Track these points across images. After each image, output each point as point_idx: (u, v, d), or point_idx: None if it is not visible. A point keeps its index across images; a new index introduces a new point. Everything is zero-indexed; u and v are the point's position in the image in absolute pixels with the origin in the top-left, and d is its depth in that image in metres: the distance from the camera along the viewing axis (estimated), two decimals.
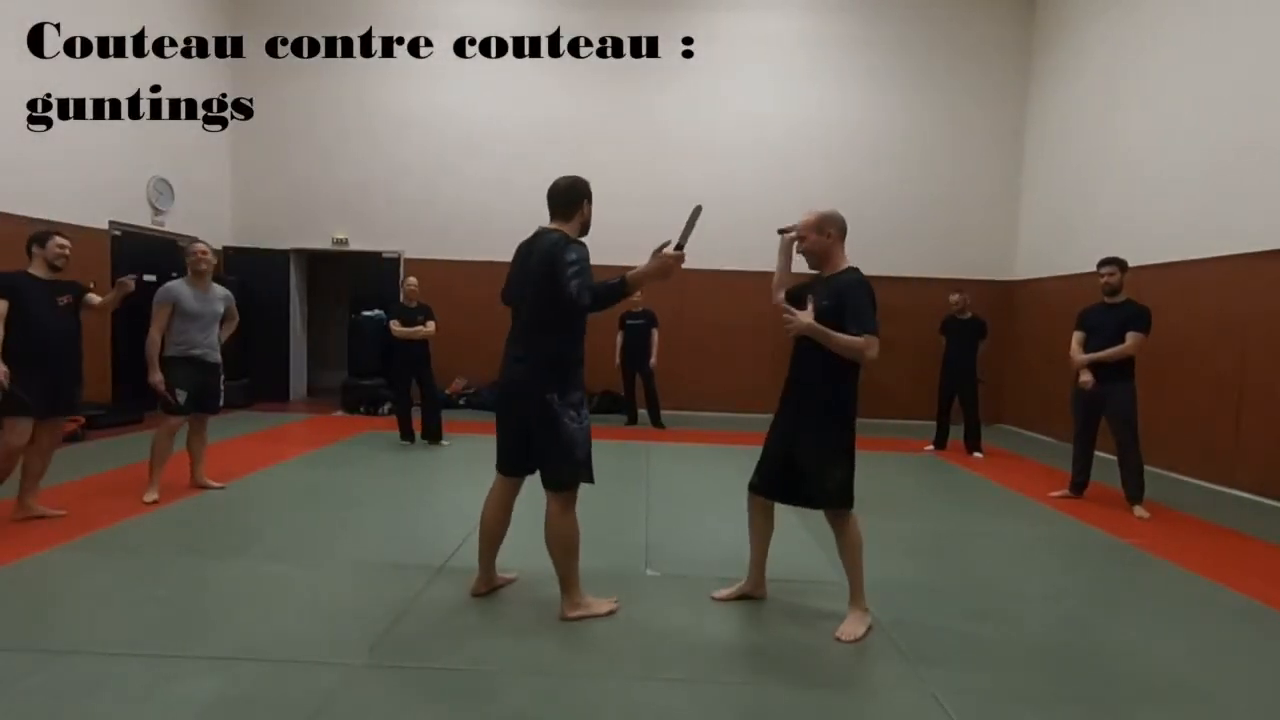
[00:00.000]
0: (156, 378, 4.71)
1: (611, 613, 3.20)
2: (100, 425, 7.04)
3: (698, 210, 3.09)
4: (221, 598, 3.30)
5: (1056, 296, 8.79)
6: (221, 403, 5.18)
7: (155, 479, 4.77)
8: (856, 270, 3.07)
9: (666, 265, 2.96)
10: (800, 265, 3.27)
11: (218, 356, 5.04)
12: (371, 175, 10.02)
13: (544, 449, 3.05)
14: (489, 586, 3.38)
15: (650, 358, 8.71)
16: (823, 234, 3.08)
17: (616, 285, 2.99)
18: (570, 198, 3.11)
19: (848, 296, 2.96)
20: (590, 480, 3.11)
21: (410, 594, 3.34)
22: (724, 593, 3.45)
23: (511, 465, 3.19)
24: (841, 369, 3.01)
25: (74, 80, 7.49)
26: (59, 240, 4.27)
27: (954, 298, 7.69)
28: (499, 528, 3.27)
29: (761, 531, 3.37)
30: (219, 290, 5.12)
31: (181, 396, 4.79)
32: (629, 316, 8.77)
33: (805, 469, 3.07)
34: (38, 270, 4.24)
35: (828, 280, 3.08)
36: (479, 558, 3.35)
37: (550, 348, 3.01)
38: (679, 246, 3.00)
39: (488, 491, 3.28)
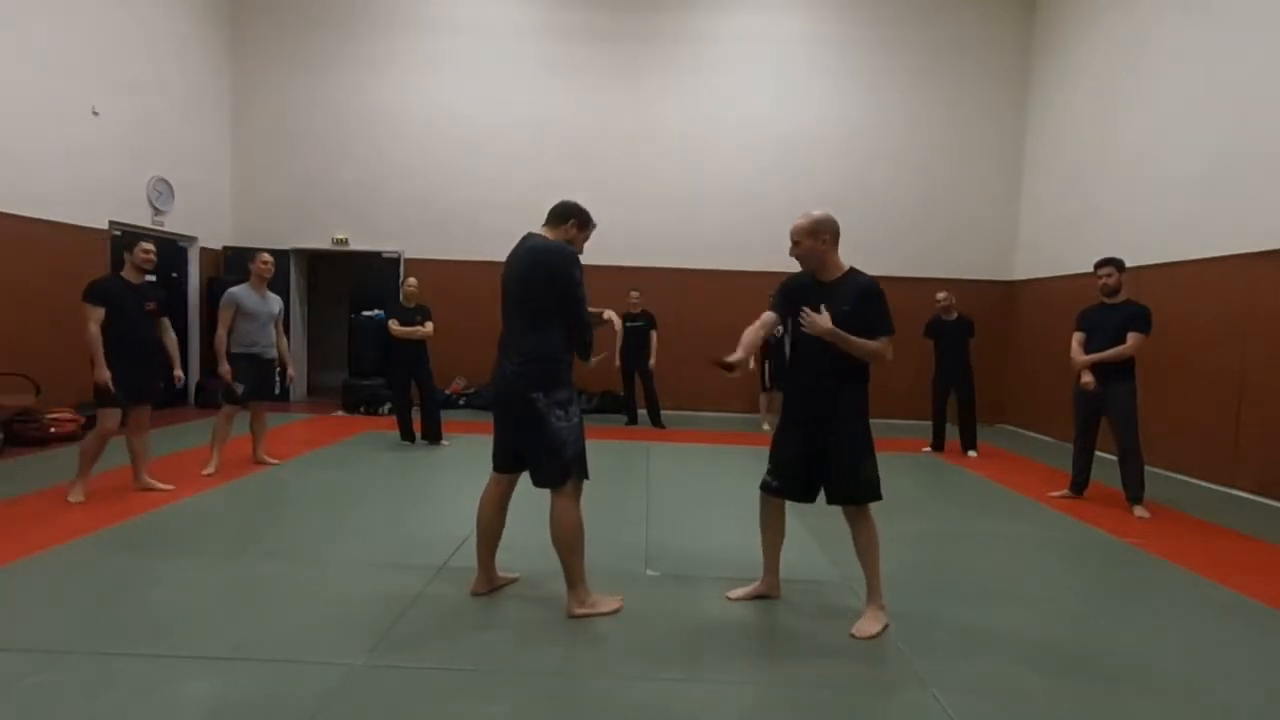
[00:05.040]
0: (225, 368, 5.54)
1: (617, 610, 3.21)
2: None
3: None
4: (221, 598, 3.30)
5: (1056, 296, 8.79)
6: (277, 392, 5.92)
7: (215, 456, 5.54)
8: (866, 275, 3.11)
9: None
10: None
11: (274, 353, 5.85)
12: (371, 175, 10.02)
13: (533, 449, 3.11)
14: (490, 586, 3.39)
15: (650, 358, 8.71)
16: (817, 239, 3.08)
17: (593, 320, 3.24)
18: (561, 210, 3.24)
19: (868, 301, 3.02)
20: (584, 476, 3.15)
21: (410, 594, 3.34)
22: (739, 593, 3.44)
23: (504, 462, 3.25)
24: (861, 367, 3.08)
25: (74, 79, 7.50)
26: (144, 246, 4.87)
27: (941, 295, 7.53)
28: (496, 525, 3.30)
29: (777, 532, 3.37)
30: (273, 295, 5.88)
31: (239, 389, 5.56)
32: (628, 318, 8.77)
33: (838, 465, 3.08)
34: (129, 275, 4.83)
35: (836, 285, 3.09)
36: (478, 556, 3.36)
37: (535, 347, 3.06)
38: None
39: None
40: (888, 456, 3.13)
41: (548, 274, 3.02)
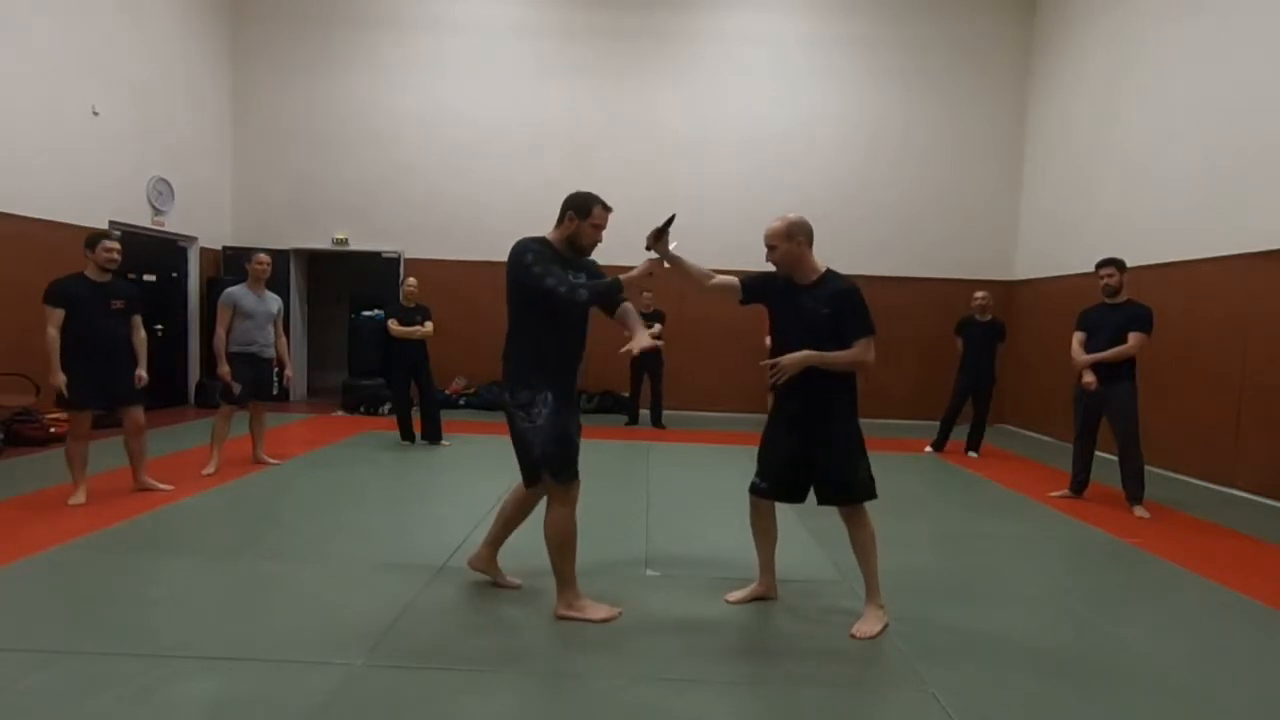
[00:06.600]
0: (224, 369, 5.53)
1: (607, 619, 3.12)
2: (93, 427, 7.01)
3: (672, 217, 3.29)
4: (221, 598, 3.30)
5: (1056, 296, 8.79)
6: (275, 392, 6.01)
7: (215, 456, 5.54)
8: (844, 277, 3.12)
9: (648, 269, 3.15)
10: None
11: (272, 352, 5.84)
12: (371, 175, 10.02)
13: (512, 446, 3.15)
14: (484, 564, 3.43)
15: (662, 360, 8.68)
16: (792, 241, 3.10)
17: (614, 284, 3.06)
18: (561, 208, 3.17)
19: (845, 304, 3.02)
20: (555, 478, 3.06)
21: (410, 594, 3.33)
22: (737, 595, 3.42)
23: None
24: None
25: (74, 78, 7.50)
26: (106, 244, 4.58)
27: (979, 295, 7.38)
28: (512, 514, 3.35)
29: (769, 534, 3.37)
30: (272, 295, 5.87)
31: (237, 389, 5.55)
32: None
33: (835, 464, 3.07)
34: (91, 273, 4.57)
35: (813, 288, 3.09)
36: (488, 532, 3.41)
37: (511, 347, 3.11)
38: (650, 245, 3.21)
39: (507, 490, 3.36)
40: (888, 456, 3.14)
41: (509, 275, 3.03)
